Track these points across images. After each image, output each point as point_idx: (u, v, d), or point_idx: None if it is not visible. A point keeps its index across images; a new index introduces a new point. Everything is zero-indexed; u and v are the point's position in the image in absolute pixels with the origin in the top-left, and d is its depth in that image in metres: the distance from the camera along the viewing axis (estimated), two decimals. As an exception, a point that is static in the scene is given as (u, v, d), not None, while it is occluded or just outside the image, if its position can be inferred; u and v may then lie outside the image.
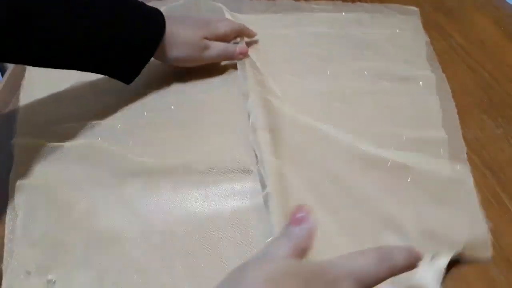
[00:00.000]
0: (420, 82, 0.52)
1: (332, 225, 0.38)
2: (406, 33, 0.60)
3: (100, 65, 0.45)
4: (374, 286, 0.24)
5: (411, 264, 0.26)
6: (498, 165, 0.42)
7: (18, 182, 0.40)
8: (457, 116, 0.48)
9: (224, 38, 0.53)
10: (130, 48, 0.45)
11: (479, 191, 0.40)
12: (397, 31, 0.60)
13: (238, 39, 0.54)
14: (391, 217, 0.38)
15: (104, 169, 0.41)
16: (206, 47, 0.50)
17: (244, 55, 0.53)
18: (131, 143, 0.44)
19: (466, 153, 0.44)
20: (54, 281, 0.34)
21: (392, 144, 0.44)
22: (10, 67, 0.58)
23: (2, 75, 0.61)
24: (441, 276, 0.33)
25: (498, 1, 0.68)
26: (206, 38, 0.50)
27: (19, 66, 0.57)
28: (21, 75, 0.54)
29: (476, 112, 0.49)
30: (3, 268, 0.35)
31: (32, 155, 0.43)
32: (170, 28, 0.47)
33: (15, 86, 0.53)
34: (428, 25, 0.63)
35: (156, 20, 0.46)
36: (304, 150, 0.44)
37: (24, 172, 0.41)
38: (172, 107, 0.49)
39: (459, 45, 0.59)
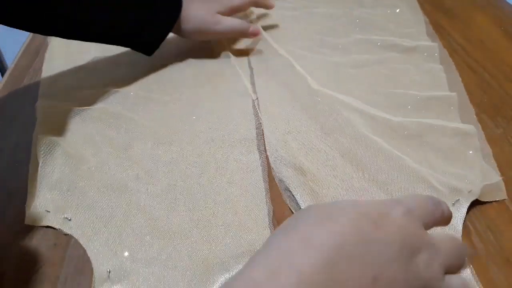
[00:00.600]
0: (425, 53, 0.56)
1: (364, 183, 0.40)
2: (406, 12, 0.65)
3: (123, 38, 0.50)
4: (429, 225, 0.25)
5: (450, 216, 0.27)
6: (498, 165, 0.42)
7: (40, 136, 0.44)
8: (461, 82, 0.52)
9: (238, 9, 0.56)
10: (151, 22, 0.49)
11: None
12: (397, 10, 0.66)
13: (254, 17, 0.59)
14: (417, 172, 0.40)
15: (116, 131, 0.46)
16: (218, 22, 0.53)
17: (256, 35, 0.56)
18: (141, 108, 0.49)
19: (475, 114, 0.47)
20: (70, 219, 0.38)
21: (406, 104, 0.48)
22: (10, 67, 0.58)
23: (2, 75, 0.61)
24: (461, 221, 0.36)
25: (498, 1, 0.68)
26: (219, 12, 0.53)
27: (19, 66, 0.57)
28: (22, 75, 0.54)
29: (476, 112, 0.49)
30: (26, 207, 0.39)
31: (53, 116, 0.48)
32: (186, 3, 0.51)
33: (15, 86, 0.53)
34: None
35: None
36: (326, 117, 0.46)
37: (44, 130, 0.45)
38: (185, 80, 0.54)
39: (459, 45, 0.59)
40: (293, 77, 0.52)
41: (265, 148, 0.44)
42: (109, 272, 0.34)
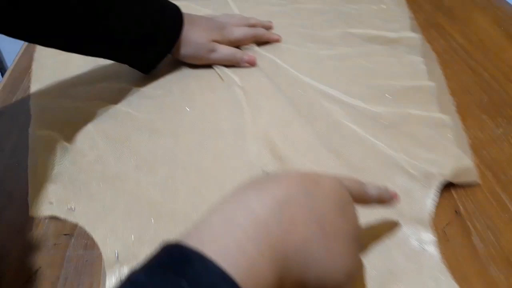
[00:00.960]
0: (407, 46, 0.58)
1: (339, 168, 0.42)
2: (391, 8, 0.67)
3: (122, 56, 0.51)
4: (355, 197, 0.30)
5: (382, 198, 0.33)
6: (498, 165, 0.42)
7: (36, 131, 0.45)
8: (442, 73, 0.53)
9: (236, 43, 0.57)
10: (151, 42, 0.50)
11: (479, 191, 0.40)
12: (383, 6, 0.67)
13: (253, 46, 0.58)
14: (391, 158, 0.42)
15: (112, 124, 0.47)
16: (213, 50, 0.54)
17: (251, 64, 0.55)
18: (135, 102, 0.50)
19: (454, 105, 0.49)
20: (74, 208, 0.39)
21: (386, 94, 0.50)
22: (10, 67, 0.58)
23: (2, 75, 0.61)
24: (432, 202, 0.38)
25: (498, 1, 0.68)
26: (216, 41, 0.54)
27: (19, 66, 0.57)
28: (22, 75, 0.54)
29: (476, 112, 0.49)
30: (29, 199, 0.40)
31: (48, 111, 0.49)
32: (186, 27, 0.52)
33: (15, 86, 0.53)
34: (428, 25, 0.63)
35: (174, 20, 0.51)
36: (307, 107, 0.49)
37: (40, 125, 0.47)
38: (174, 75, 0.55)
39: (459, 45, 0.59)
40: (277, 70, 0.54)
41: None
42: (118, 255, 0.35)
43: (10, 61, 0.66)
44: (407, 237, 0.36)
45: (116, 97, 0.51)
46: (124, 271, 0.34)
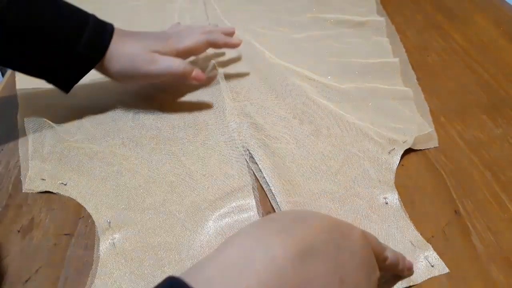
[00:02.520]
0: (374, 28, 0.63)
1: (311, 137, 0.46)
2: None
3: (37, 69, 0.44)
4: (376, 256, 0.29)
5: (397, 265, 0.31)
6: (498, 165, 0.42)
7: (25, 117, 0.47)
8: (404, 51, 0.58)
9: (187, 53, 0.48)
10: (70, 59, 0.43)
11: (479, 191, 0.40)
12: None
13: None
14: (358, 128, 0.46)
15: (97, 105, 0.49)
16: (152, 61, 0.45)
17: (199, 81, 0.47)
18: (120, 89, 0.51)
19: (416, 79, 0.53)
20: (65, 184, 0.41)
21: (354, 70, 0.55)
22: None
23: (3, 75, 0.61)
24: (396, 165, 0.42)
25: (498, 1, 0.68)
26: (158, 52, 0.45)
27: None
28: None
29: (476, 112, 0.49)
30: (22, 178, 0.42)
31: (33, 98, 0.51)
32: (117, 39, 0.44)
33: (15, 86, 0.53)
34: (428, 25, 0.64)
35: (101, 32, 0.44)
36: (281, 85, 0.52)
37: (27, 110, 0.49)
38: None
39: (459, 45, 0.59)
40: (253, 52, 0.58)
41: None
42: (110, 222, 0.38)
43: (10, 61, 0.66)
44: (375, 196, 0.40)
45: (100, 85, 0.51)
46: (116, 236, 0.37)
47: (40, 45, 0.41)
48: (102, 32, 0.44)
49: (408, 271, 0.33)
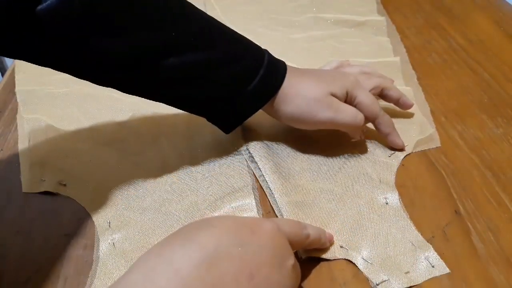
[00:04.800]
0: (374, 27, 0.63)
1: (319, 142, 0.45)
2: None
3: (199, 106, 0.41)
4: (293, 244, 0.30)
5: (320, 240, 0.33)
6: (498, 165, 0.42)
7: (25, 116, 0.48)
8: (405, 51, 0.58)
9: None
10: (239, 97, 0.39)
11: (479, 191, 0.40)
12: None
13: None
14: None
15: (96, 106, 0.50)
16: (332, 107, 0.39)
17: (362, 137, 0.43)
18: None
19: (417, 79, 0.53)
20: (65, 184, 0.42)
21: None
22: (10, 67, 0.58)
23: (2, 75, 0.61)
24: (396, 166, 0.42)
25: (498, 1, 0.68)
26: (335, 95, 0.40)
27: (19, 66, 0.56)
28: (21, 75, 0.54)
29: (476, 112, 0.49)
30: (21, 178, 0.42)
31: (33, 97, 0.51)
32: (291, 78, 0.40)
33: (15, 86, 0.53)
34: (428, 25, 0.64)
35: (275, 71, 0.40)
36: None
37: (28, 110, 0.49)
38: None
39: (459, 45, 0.59)
40: None
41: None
42: (109, 222, 0.38)
43: (10, 61, 0.66)
44: (376, 196, 0.40)
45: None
46: (115, 236, 0.37)
47: (209, 81, 0.38)
48: (276, 71, 0.40)
49: (330, 242, 0.35)
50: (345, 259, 0.35)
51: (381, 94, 0.46)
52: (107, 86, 0.38)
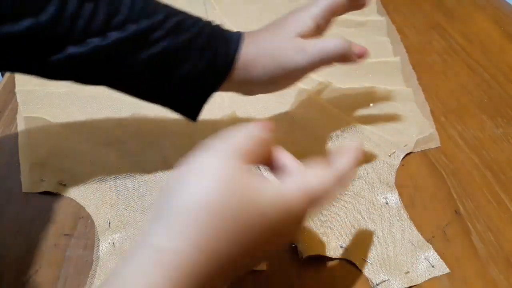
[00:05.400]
0: (374, 27, 0.63)
1: (309, 138, 0.46)
2: None
3: (157, 93, 0.37)
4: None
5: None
6: (498, 165, 0.42)
7: (25, 116, 0.48)
8: (405, 51, 0.57)
9: (326, 18, 0.38)
10: (193, 77, 0.35)
11: (478, 191, 0.40)
12: None
13: None
14: (359, 130, 0.46)
15: (96, 106, 0.50)
16: (299, 49, 0.35)
17: (362, 56, 0.37)
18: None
19: (417, 79, 0.53)
20: (65, 184, 0.41)
21: (355, 69, 0.54)
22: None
23: (2, 75, 0.61)
24: (396, 166, 0.42)
25: (498, 1, 0.68)
26: (301, 35, 0.36)
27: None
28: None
29: (476, 112, 0.49)
30: (21, 178, 0.42)
31: (34, 97, 0.51)
32: (247, 44, 0.36)
33: (15, 87, 0.53)
34: (428, 25, 0.63)
35: (227, 41, 0.36)
36: None
37: (28, 109, 0.49)
38: None
39: (459, 45, 0.59)
40: None
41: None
42: (109, 222, 0.38)
43: (10, 61, 0.65)
44: (376, 195, 0.40)
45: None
46: (115, 236, 0.37)
47: (166, 67, 0.35)
48: (228, 41, 0.36)
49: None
50: (345, 259, 0.35)
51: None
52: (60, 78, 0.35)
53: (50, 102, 0.50)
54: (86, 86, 0.38)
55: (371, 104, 0.50)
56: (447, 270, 0.34)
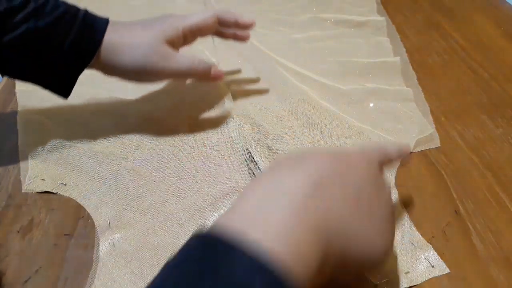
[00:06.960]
0: (374, 28, 0.63)
1: (313, 139, 0.46)
2: None
3: (31, 74, 0.40)
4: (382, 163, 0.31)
5: (401, 154, 0.34)
6: (498, 165, 0.42)
7: (25, 116, 0.48)
8: (405, 51, 0.58)
9: (193, 33, 0.43)
10: (59, 57, 0.38)
11: (479, 191, 0.40)
12: None
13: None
14: (358, 130, 0.47)
15: (99, 107, 0.49)
16: (169, 56, 0.40)
17: (218, 79, 0.44)
18: (119, 85, 0.48)
19: (417, 79, 0.53)
20: (65, 184, 0.41)
21: (355, 69, 0.55)
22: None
23: (2, 76, 0.61)
24: (395, 171, 0.42)
25: (498, 1, 0.68)
26: (170, 41, 0.40)
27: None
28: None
29: (476, 112, 0.49)
30: (21, 178, 0.42)
31: (34, 98, 0.51)
32: (117, 27, 0.40)
33: (14, 87, 0.53)
34: (428, 25, 0.63)
35: (93, 24, 0.39)
36: (282, 86, 0.52)
37: (28, 110, 0.49)
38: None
39: (459, 45, 0.59)
40: (253, 52, 0.58)
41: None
42: (109, 223, 0.38)
43: (10, 61, 0.65)
44: None
45: (99, 84, 0.50)
46: (115, 236, 0.37)
47: (32, 48, 0.38)
48: (94, 24, 0.39)
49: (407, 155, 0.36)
50: (345, 259, 0.35)
51: (222, 23, 0.45)
52: None
53: (50, 102, 0.50)
54: (86, 87, 0.39)
55: (371, 104, 0.50)
56: (447, 270, 0.34)
